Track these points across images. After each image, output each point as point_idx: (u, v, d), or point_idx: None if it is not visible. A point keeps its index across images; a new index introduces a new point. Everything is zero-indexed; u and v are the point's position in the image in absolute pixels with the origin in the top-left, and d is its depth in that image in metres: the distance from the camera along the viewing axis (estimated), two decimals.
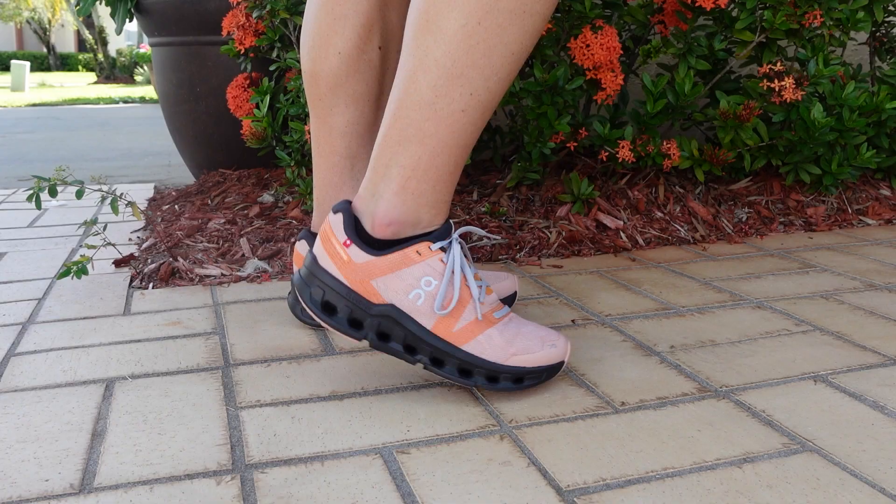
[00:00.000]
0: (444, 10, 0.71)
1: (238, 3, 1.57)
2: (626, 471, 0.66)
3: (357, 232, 0.78)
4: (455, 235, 0.79)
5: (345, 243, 0.76)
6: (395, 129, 0.76)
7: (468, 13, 0.71)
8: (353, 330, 0.77)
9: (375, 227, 0.77)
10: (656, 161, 1.43)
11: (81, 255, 1.13)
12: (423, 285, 0.76)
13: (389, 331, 0.77)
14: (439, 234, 0.78)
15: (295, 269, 0.97)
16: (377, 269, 0.76)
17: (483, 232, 0.83)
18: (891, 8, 1.65)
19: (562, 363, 0.80)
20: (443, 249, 0.77)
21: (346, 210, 0.77)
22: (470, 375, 0.78)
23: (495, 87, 0.75)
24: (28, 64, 11.27)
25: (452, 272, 0.77)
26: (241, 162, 1.95)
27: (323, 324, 0.77)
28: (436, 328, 0.76)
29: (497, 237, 1.06)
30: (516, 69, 0.76)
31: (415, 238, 0.77)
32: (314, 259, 0.78)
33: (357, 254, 0.76)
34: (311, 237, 0.98)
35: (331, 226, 0.77)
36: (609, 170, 1.58)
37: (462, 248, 0.81)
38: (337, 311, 0.77)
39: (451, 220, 0.81)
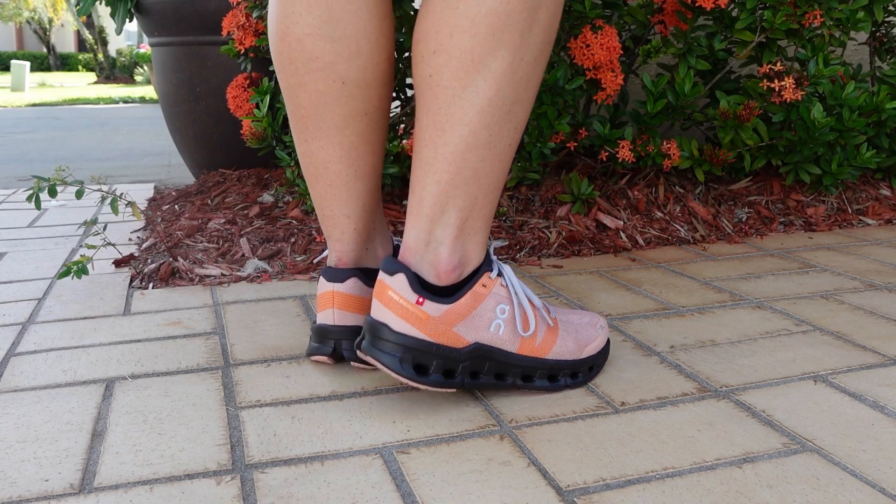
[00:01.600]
0: (493, 50, 0.72)
1: (238, 3, 1.57)
2: (626, 471, 0.66)
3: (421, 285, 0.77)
4: (494, 257, 0.81)
5: (418, 302, 0.74)
6: (450, 173, 0.75)
7: (513, 51, 0.73)
8: (447, 381, 0.76)
9: (441, 275, 0.76)
10: (656, 161, 1.43)
11: (81, 255, 1.13)
12: (498, 314, 0.77)
13: (479, 368, 0.77)
14: (488, 261, 0.79)
15: (328, 313, 0.86)
16: (456, 316, 0.75)
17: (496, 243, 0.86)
18: (891, 8, 1.65)
19: (608, 339, 0.87)
20: (499, 274, 0.79)
21: (406, 269, 0.75)
22: (556, 379, 0.81)
23: (527, 117, 0.78)
24: (28, 64, 11.27)
25: (515, 293, 0.79)
26: (241, 162, 1.95)
27: (415, 384, 0.75)
28: (521, 349, 0.79)
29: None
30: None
31: (475, 274, 0.78)
32: (387, 327, 0.74)
33: (432, 308, 0.74)
34: (338, 274, 0.87)
35: (394, 289, 0.75)
36: (609, 170, 1.58)
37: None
38: (430, 369, 0.75)
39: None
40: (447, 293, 0.77)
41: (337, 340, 0.85)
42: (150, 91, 10.07)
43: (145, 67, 13.09)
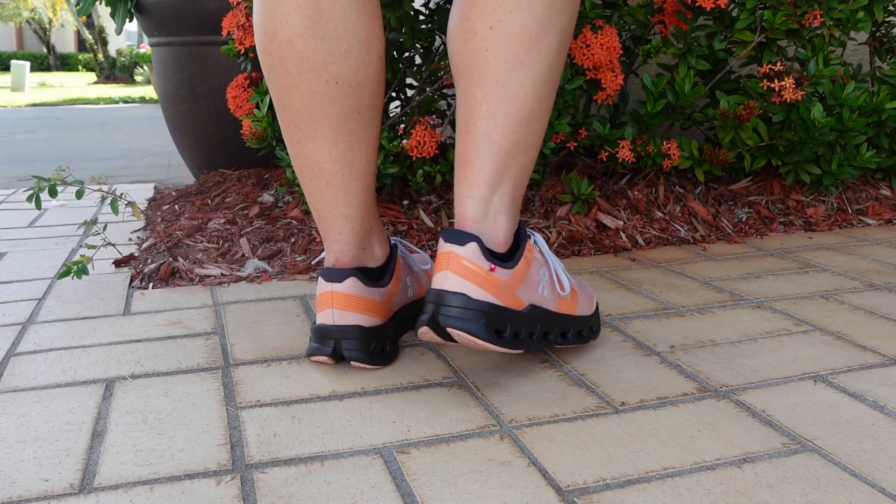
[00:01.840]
0: (546, 27, 0.78)
1: (238, 3, 1.57)
2: (626, 471, 0.66)
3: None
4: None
5: (491, 269, 0.77)
6: (509, 143, 0.79)
7: (560, 29, 0.79)
8: (518, 342, 0.79)
9: (502, 243, 0.80)
10: (656, 161, 1.43)
11: (81, 255, 1.13)
12: (542, 277, 0.83)
13: (533, 328, 0.81)
14: (523, 228, 0.84)
15: (328, 313, 0.85)
16: (517, 280, 0.79)
17: None
18: (891, 8, 1.65)
19: None
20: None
21: (477, 238, 0.77)
22: (581, 334, 0.88)
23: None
24: (28, 64, 11.27)
25: (549, 257, 0.85)
26: (241, 162, 1.95)
27: (498, 348, 0.77)
28: (560, 307, 0.85)
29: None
30: None
31: (518, 240, 0.83)
32: (465, 296, 0.76)
33: (502, 273, 0.78)
34: (336, 274, 0.86)
35: (468, 258, 0.77)
36: (609, 170, 1.58)
37: None
38: (504, 332, 0.78)
39: None
40: (502, 259, 0.81)
41: (337, 340, 0.85)
42: (150, 91, 10.07)
43: (145, 67, 13.09)
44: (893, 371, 0.85)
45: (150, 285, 1.18)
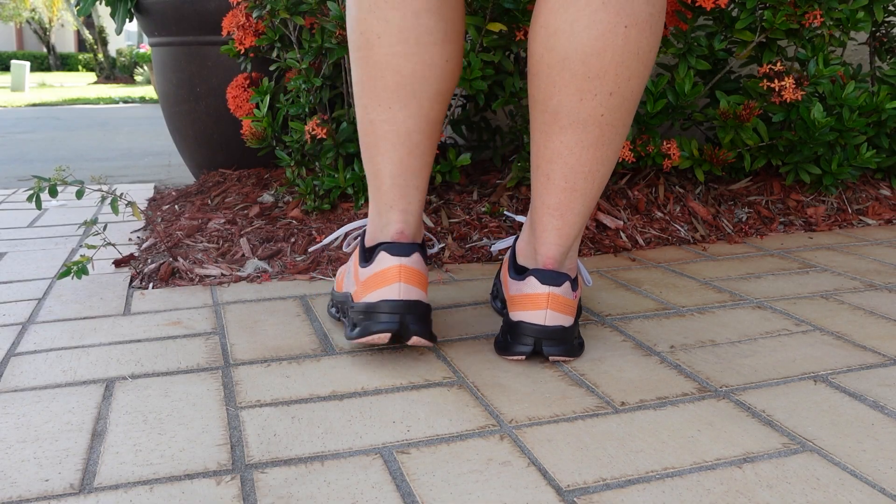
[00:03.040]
0: (640, 95, 0.85)
1: (238, 3, 1.57)
2: (626, 471, 0.66)
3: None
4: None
5: (575, 296, 0.89)
6: (594, 201, 0.89)
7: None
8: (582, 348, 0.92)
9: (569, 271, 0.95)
10: (656, 161, 1.43)
11: (81, 255, 1.13)
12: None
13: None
14: None
15: (394, 288, 0.85)
16: None
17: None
18: (891, 8, 1.65)
19: None
20: None
21: (568, 278, 0.88)
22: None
23: None
24: (28, 64, 11.27)
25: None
26: (241, 162, 1.95)
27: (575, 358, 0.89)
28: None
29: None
30: None
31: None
32: (564, 328, 0.87)
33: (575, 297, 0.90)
34: (405, 248, 0.86)
35: (564, 296, 0.87)
36: None
37: None
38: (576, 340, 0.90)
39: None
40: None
41: (402, 315, 0.83)
42: (150, 91, 10.07)
43: (145, 67, 13.09)
44: (893, 371, 0.85)
45: (150, 285, 1.18)
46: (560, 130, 0.83)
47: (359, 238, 0.97)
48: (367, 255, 0.90)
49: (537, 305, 0.85)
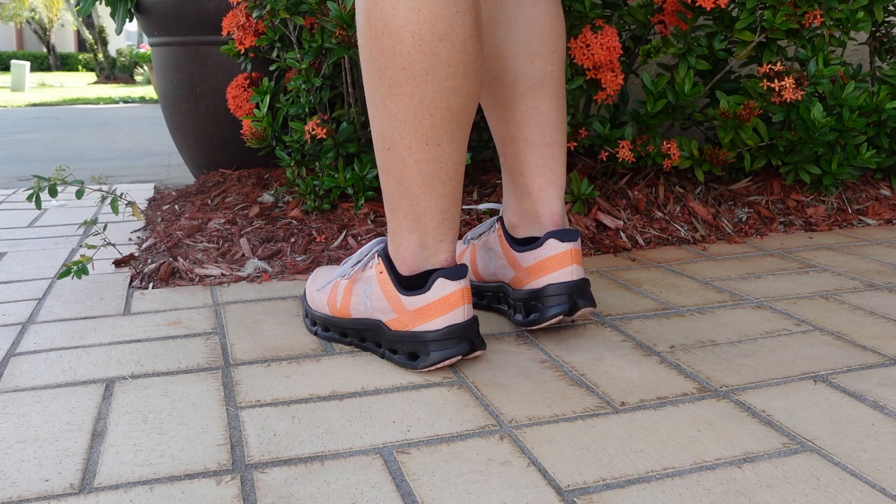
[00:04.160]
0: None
1: (238, 3, 1.57)
2: (626, 471, 0.66)
3: None
4: None
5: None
6: (564, 145, 0.98)
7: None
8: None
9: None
10: (656, 161, 1.43)
11: (81, 255, 1.13)
12: None
13: None
14: None
15: (463, 310, 0.85)
16: None
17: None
18: (891, 8, 1.65)
19: None
20: None
21: (578, 234, 0.94)
22: None
23: None
24: (28, 64, 11.27)
25: None
26: (241, 162, 1.95)
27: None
28: None
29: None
30: None
31: None
32: (586, 279, 0.94)
33: None
34: (462, 271, 0.85)
35: (579, 248, 0.94)
36: (609, 170, 1.58)
37: None
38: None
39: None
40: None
41: (474, 332, 0.85)
42: (150, 91, 10.07)
43: (145, 67, 13.09)
44: (893, 371, 0.85)
45: (150, 285, 1.18)
46: (521, 96, 0.93)
47: (331, 282, 0.95)
48: (408, 282, 0.87)
49: (563, 264, 0.90)
